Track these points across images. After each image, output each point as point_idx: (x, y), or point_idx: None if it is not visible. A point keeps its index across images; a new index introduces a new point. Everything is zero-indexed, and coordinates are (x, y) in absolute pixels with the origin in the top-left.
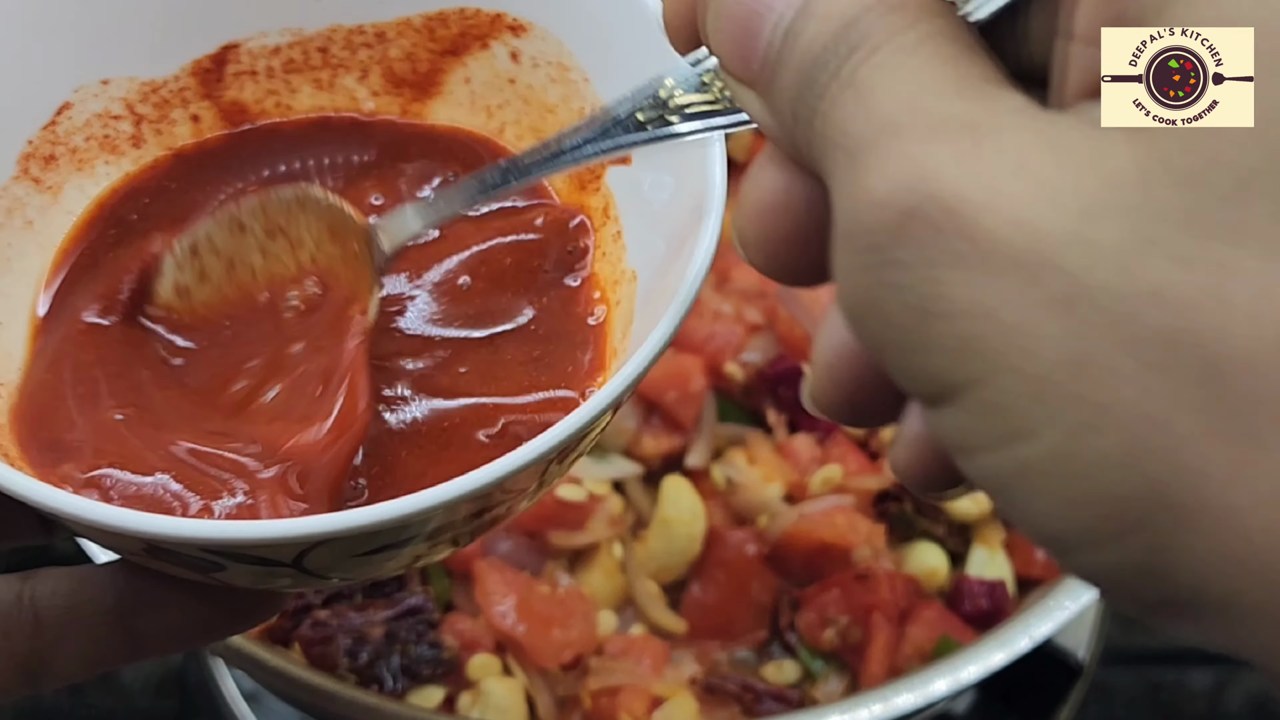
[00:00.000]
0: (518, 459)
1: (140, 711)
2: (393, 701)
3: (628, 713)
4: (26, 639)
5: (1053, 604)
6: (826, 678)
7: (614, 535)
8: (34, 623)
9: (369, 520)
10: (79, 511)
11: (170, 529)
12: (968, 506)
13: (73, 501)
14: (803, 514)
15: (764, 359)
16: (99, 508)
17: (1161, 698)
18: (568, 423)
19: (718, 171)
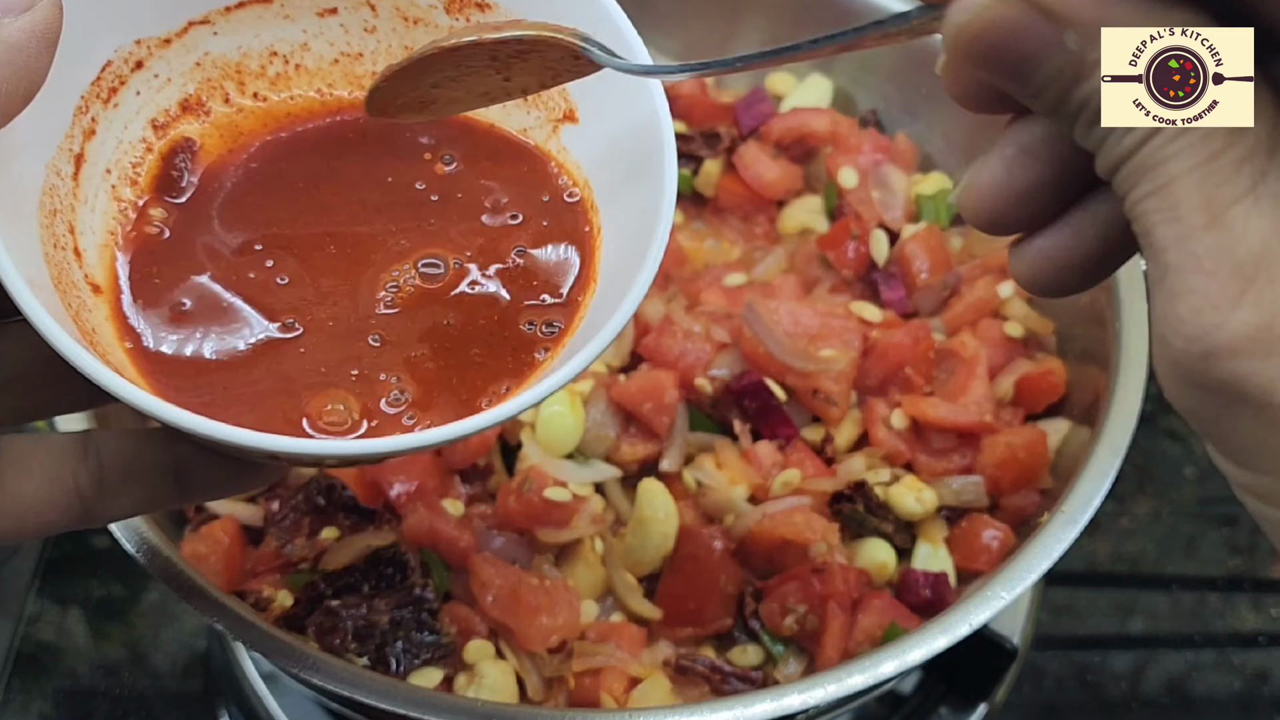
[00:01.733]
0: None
1: (169, 691)
2: (396, 681)
3: (608, 692)
4: (91, 484)
5: (990, 594)
6: (786, 660)
7: (596, 532)
8: (99, 471)
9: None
10: (194, 425)
11: (283, 446)
12: (913, 507)
13: (188, 418)
14: (765, 513)
15: (730, 374)
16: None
17: (1087, 679)
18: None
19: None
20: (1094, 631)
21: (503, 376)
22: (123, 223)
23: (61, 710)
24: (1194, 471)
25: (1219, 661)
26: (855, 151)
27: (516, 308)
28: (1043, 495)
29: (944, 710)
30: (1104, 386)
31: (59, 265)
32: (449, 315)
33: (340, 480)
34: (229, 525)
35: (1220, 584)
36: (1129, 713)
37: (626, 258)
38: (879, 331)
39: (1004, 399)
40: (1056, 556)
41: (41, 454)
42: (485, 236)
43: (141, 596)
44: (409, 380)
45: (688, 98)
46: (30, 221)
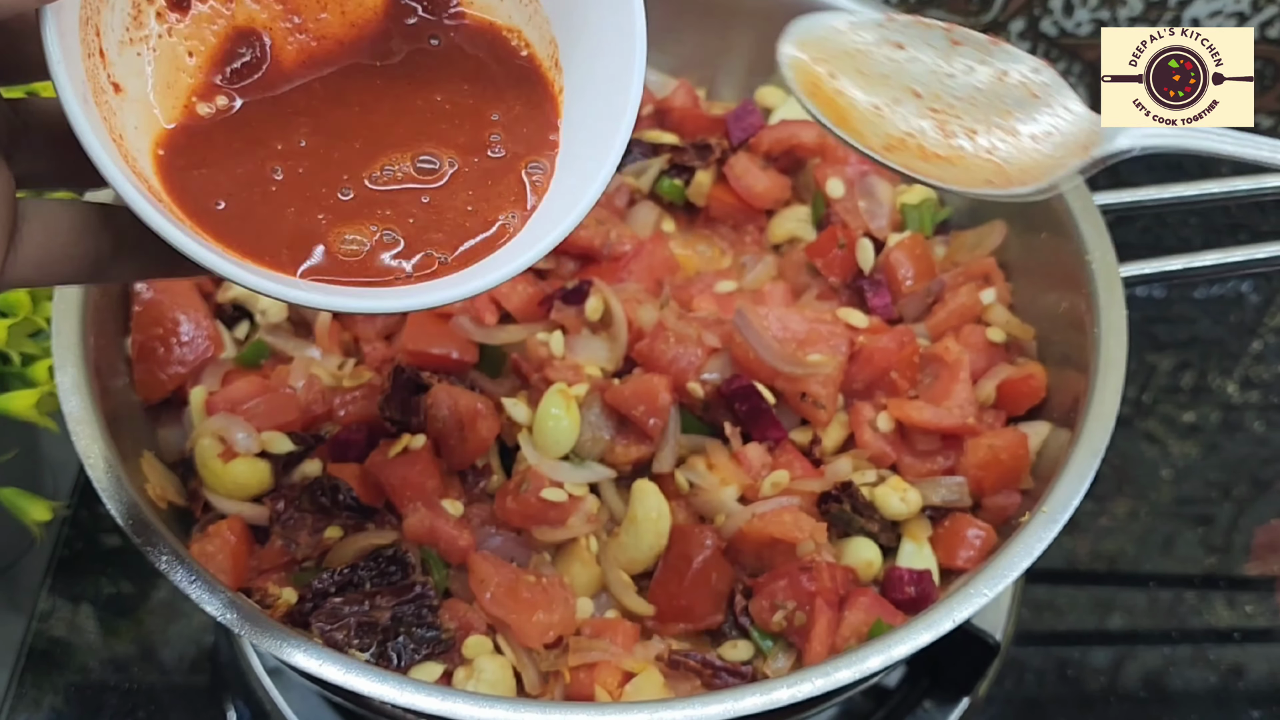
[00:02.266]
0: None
1: (176, 686)
2: (398, 675)
3: (602, 686)
4: (106, 249)
5: (973, 591)
6: (775, 655)
7: (591, 531)
8: (114, 239)
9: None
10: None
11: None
12: (898, 507)
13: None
14: (755, 513)
15: (721, 378)
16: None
17: (1067, 673)
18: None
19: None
20: (1074, 627)
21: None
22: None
23: (73, 705)
24: (1170, 473)
25: (1195, 657)
26: (842, 163)
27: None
28: (1024, 495)
29: (928, 704)
30: (1083, 390)
31: (92, 74)
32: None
33: (343, 481)
34: (236, 524)
35: (1196, 581)
36: (1108, 707)
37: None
38: (865, 337)
39: (986, 402)
40: (1037, 555)
41: (68, 216)
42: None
43: (151, 594)
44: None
45: (680, 110)
46: (73, 36)
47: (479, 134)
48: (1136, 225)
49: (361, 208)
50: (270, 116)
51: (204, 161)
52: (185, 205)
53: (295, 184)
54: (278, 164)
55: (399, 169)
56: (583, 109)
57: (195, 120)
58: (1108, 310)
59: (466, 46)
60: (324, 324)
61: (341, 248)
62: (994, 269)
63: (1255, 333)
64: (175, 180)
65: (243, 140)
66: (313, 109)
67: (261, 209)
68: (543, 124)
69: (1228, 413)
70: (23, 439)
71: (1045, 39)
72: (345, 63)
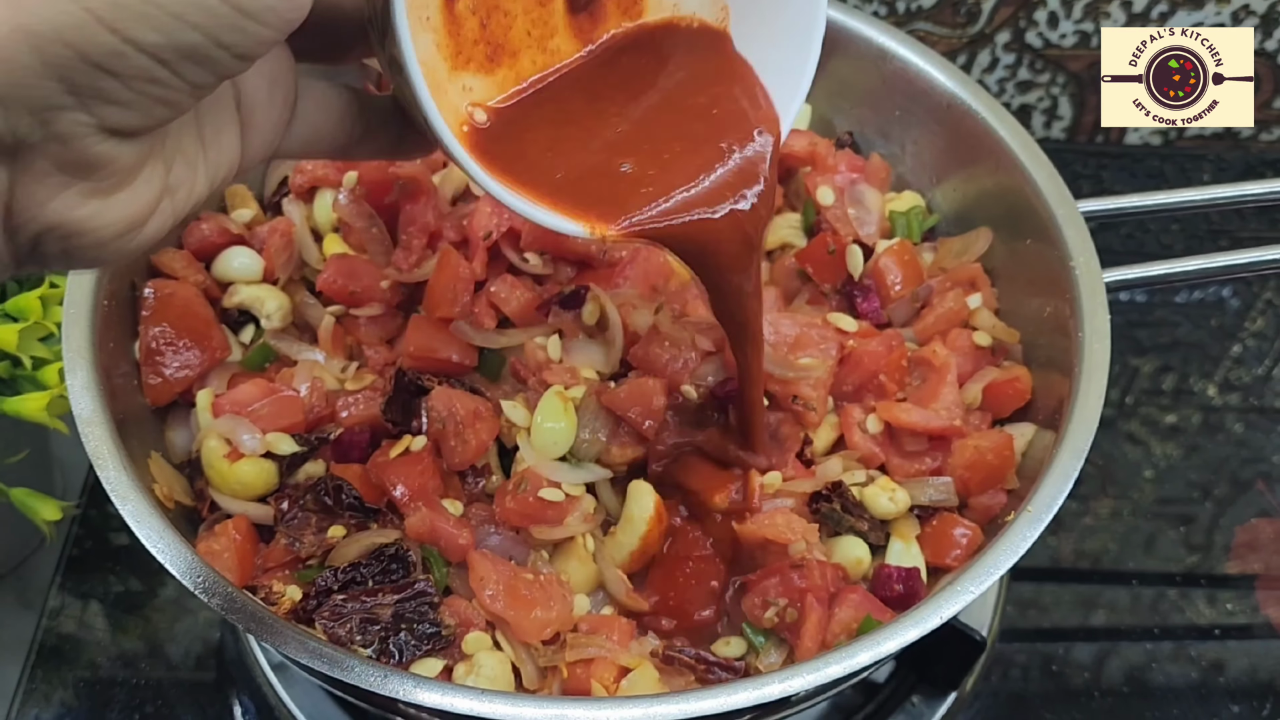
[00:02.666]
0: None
1: (183, 681)
2: (399, 670)
3: (599, 681)
4: (359, 130)
5: (960, 588)
6: (768, 651)
7: (587, 530)
8: (367, 123)
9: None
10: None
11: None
12: (887, 506)
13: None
14: (748, 515)
15: (714, 381)
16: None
17: (1052, 668)
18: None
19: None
20: (1058, 624)
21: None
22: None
23: (82, 699)
24: (1153, 473)
25: (1177, 653)
26: (832, 171)
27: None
28: (1009, 495)
29: (916, 698)
30: (1067, 393)
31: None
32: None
33: (346, 481)
34: (241, 524)
35: (1178, 579)
36: (1091, 701)
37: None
38: (855, 341)
39: (973, 404)
40: (1022, 553)
41: (340, 100)
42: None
43: (158, 591)
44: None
45: None
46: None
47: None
48: (1119, 231)
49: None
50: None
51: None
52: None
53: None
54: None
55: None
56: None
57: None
58: (1091, 315)
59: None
60: (327, 328)
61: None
62: (980, 275)
63: (1235, 337)
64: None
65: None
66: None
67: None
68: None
69: (1208, 415)
70: (34, 440)
71: (1031, 50)
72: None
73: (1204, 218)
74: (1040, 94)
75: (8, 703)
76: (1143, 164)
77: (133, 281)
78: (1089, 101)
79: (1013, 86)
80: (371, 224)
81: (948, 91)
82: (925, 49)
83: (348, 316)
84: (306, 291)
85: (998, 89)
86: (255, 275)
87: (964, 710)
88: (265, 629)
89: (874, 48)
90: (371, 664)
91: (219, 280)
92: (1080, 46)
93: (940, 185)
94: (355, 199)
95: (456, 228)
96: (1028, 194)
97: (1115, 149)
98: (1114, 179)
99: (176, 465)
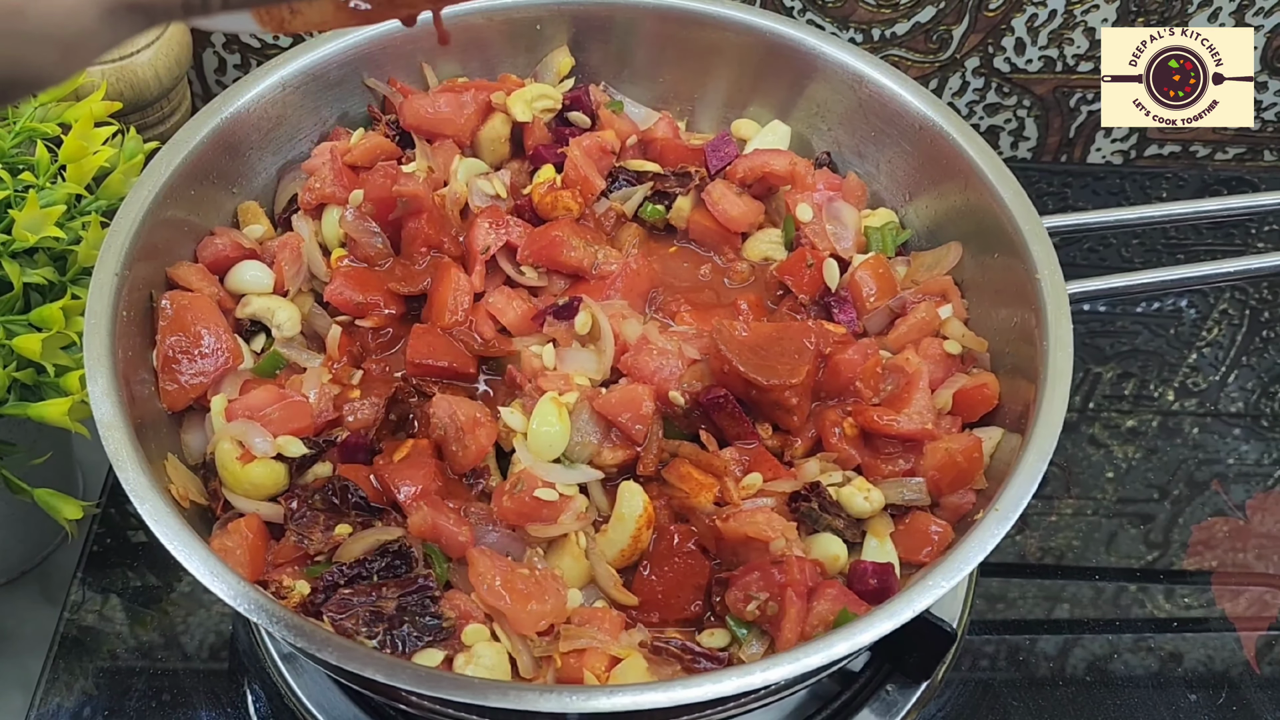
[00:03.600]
0: None
1: (198, 670)
2: (402, 660)
3: (590, 670)
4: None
5: (931, 583)
6: (750, 642)
7: (580, 528)
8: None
9: None
10: None
11: None
12: (862, 505)
13: None
14: (730, 513)
15: (700, 388)
16: None
17: (1018, 658)
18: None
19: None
20: (1024, 617)
21: None
22: None
23: (102, 688)
24: (1114, 474)
25: (1137, 644)
26: (811, 189)
27: None
28: (978, 495)
29: (890, 687)
30: (1032, 398)
31: None
32: None
33: (353, 482)
34: (253, 522)
35: (1138, 575)
36: (1056, 690)
37: None
38: (832, 349)
39: (943, 409)
40: (990, 549)
41: None
42: None
43: (174, 586)
44: None
45: (662, 141)
46: None
47: None
48: (1082, 246)
49: None
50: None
51: None
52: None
53: None
54: None
55: None
56: None
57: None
58: (1055, 324)
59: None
60: (334, 337)
61: None
62: (951, 287)
63: (1192, 345)
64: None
65: None
66: None
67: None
68: None
69: (1166, 419)
70: (56, 443)
71: (999, 74)
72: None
73: (1162, 232)
74: (1007, 116)
75: (32, 691)
76: (1104, 182)
77: (150, 294)
78: (1054, 123)
79: (981, 109)
80: (376, 239)
81: (920, 114)
82: (899, 74)
83: (354, 326)
84: (315, 302)
85: (967, 111)
86: (266, 287)
87: (935, 698)
88: (275, 621)
89: (850, 73)
90: (376, 654)
91: (232, 292)
92: (1045, 71)
93: (913, 202)
94: (361, 215)
95: (456, 242)
96: (996, 211)
97: (1078, 168)
98: (1077, 196)
99: (191, 467)
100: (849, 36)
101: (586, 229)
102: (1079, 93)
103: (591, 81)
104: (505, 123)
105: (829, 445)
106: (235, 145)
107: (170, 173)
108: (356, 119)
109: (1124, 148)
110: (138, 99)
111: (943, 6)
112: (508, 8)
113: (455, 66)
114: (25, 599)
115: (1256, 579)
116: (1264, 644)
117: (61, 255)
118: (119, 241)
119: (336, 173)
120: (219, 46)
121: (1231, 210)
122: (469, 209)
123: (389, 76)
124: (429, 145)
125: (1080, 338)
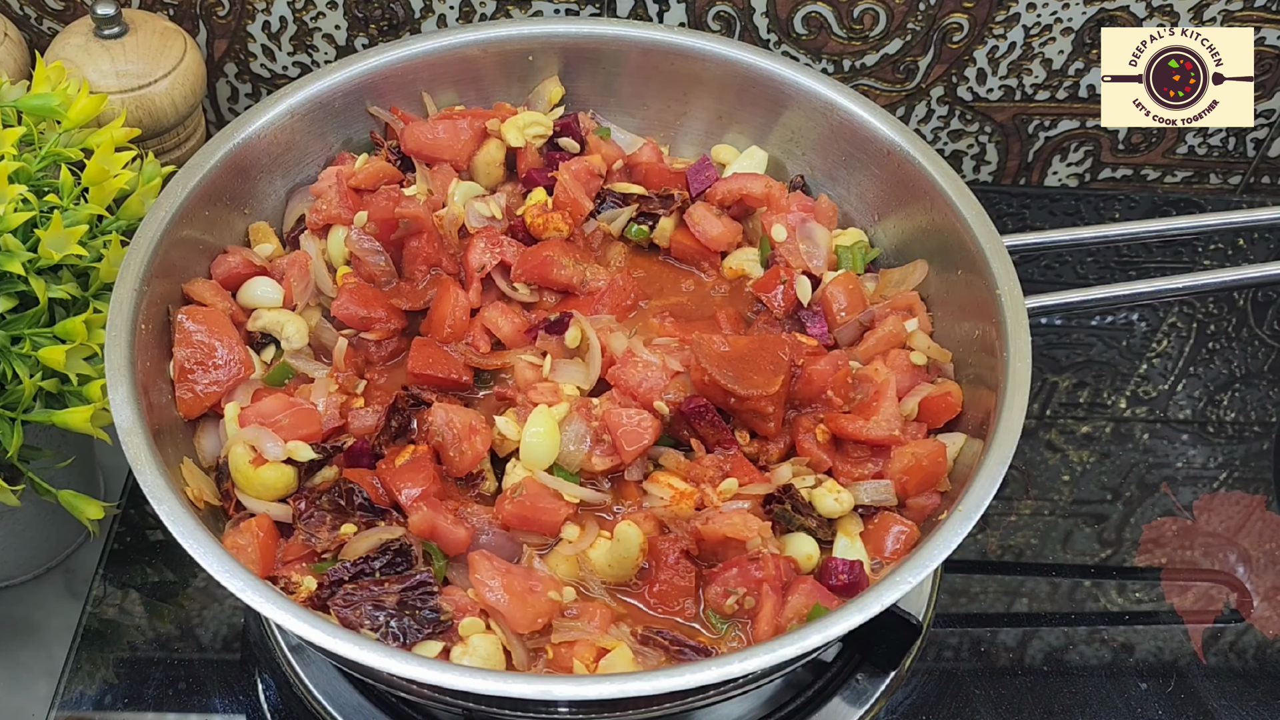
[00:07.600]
0: None
1: (212, 661)
2: (402, 651)
3: (580, 660)
4: None
5: (898, 579)
6: (729, 635)
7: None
8: None
9: None
10: None
11: None
12: (833, 506)
13: None
14: (710, 516)
15: (682, 398)
16: None
17: (980, 650)
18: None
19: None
20: (986, 611)
21: None
22: None
23: (122, 677)
24: (1069, 477)
25: (1091, 636)
26: (786, 210)
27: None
28: (942, 496)
29: (860, 676)
30: (993, 406)
31: None
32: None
33: (357, 484)
34: (263, 521)
35: (1092, 571)
36: (1015, 679)
37: None
38: (805, 360)
39: (910, 416)
40: (954, 547)
41: None
42: None
43: (190, 581)
44: None
45: (646, 165)
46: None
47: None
48: (1040, 263)
49: None
50: None
51: None
52: None
53: None
54: None
55: None
56: None
57: None
58: (1015, 337)
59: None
60: (340, 349)
61: None
62: (917, 302)
63: (1143, 356)
64: None
65: None
66: None
67: None
68: None
69: (1119, 425)
70: (79, 448)
71: (962, 103)
72: None
73: (1115, 251)
74: (970, 141)
75: (57, 679)
76: (1061, 203)
77: (168, 308)
78: (1013, 148)
79: (946, 135)
80: (379, 257)
81: (888, 139)
82: (868, 102)
83: (358, 339)
84: (322, 317)
85: (932, 137)
86: (276, 302)
87: (902, 687)
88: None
89: (823, 101)
90: (378, 645)
91: (244, 307)
92: (1005, 99)
93: (881, 222)
94: (365, 235)
95: (454, 261)
96: (959, 230)
97: (1036, 190)
98: (1035, 216)
99: (206, 470)
100: (821, 67)
101: (576, 248)
102: (1037, 119)
103: (580, 109)
104: (500, 148)
105: (802, 450)
106: (246, 169)
107: (186, 195)
108: (360, 144)
109: (1079, 171)
110: (155, 126)
111: (909, 39)
112: (501, 40)
113: (453, 95)
114: (51, 594)
115: (1203, 575)
116: (1210, 635)
117: (84, 272)
118: (138, 259)
119: (342, 195)
120: (231, 76)
121: (1179, 230)
122: (466, 229)
123: (391, 105)
124: (428, 169)
125: (1038, 349)
